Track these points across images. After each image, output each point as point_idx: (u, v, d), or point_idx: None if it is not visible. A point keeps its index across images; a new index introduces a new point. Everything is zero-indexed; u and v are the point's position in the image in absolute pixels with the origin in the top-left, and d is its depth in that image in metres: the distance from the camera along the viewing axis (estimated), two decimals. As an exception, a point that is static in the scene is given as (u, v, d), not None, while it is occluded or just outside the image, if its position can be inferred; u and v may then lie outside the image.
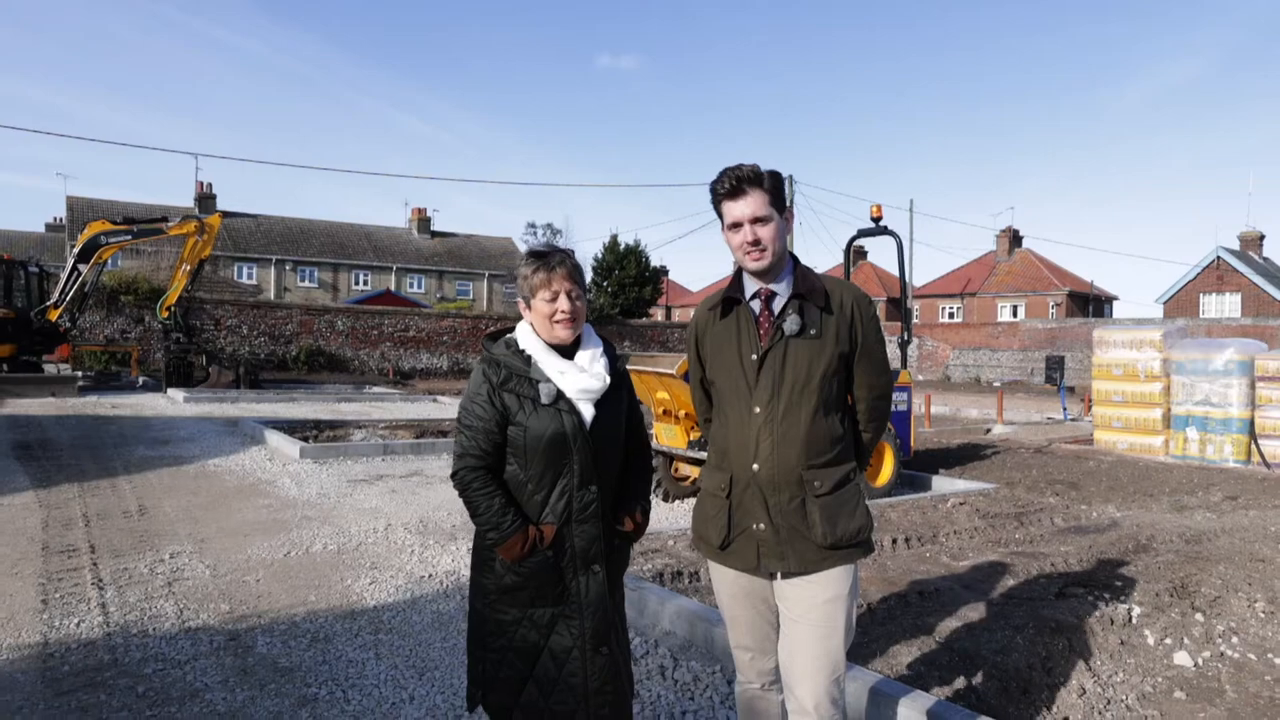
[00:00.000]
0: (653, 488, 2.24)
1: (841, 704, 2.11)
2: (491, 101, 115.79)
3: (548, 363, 2.13)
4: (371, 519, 6.17)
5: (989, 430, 15.90)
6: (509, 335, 2.23)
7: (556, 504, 2.10)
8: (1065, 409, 19.37)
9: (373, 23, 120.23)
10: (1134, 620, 4.15)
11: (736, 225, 2.10)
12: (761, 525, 2.10)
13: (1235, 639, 4.22)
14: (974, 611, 4.03)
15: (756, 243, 2.09)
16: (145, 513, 6.18)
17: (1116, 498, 7.38)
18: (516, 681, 2.10)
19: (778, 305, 2.15)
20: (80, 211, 42.92)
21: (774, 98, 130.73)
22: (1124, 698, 3.47)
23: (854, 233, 8.68)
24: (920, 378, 35.03)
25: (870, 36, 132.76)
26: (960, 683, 3.22)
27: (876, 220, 8.24)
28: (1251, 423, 10.62)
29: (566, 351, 2.18)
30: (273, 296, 39.94)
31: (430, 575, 4.78)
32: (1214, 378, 11.50)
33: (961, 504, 6.70)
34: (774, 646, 2.21)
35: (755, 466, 2.09)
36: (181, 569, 4.77)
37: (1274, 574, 5.21)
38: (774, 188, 2.11)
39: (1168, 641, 4.01)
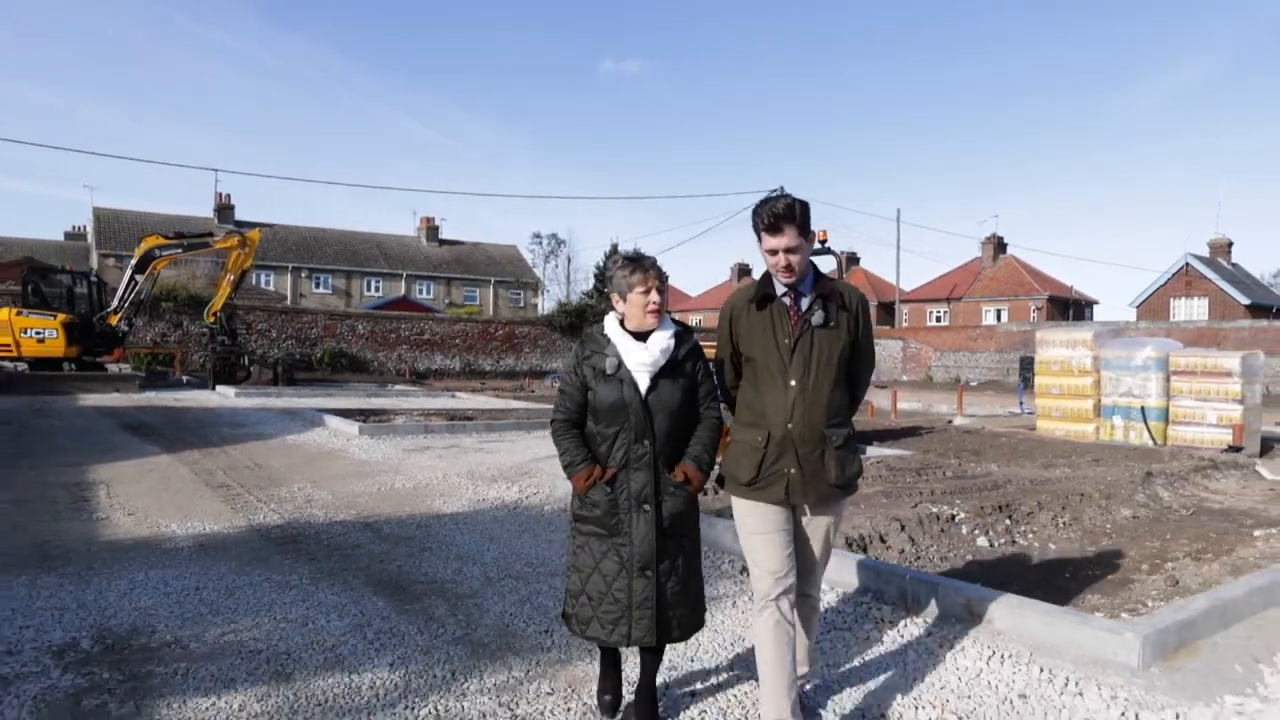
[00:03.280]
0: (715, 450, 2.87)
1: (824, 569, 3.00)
2: (495, 106, 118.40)
3: (621, 343, 2.71)
4: (430, 471, 8.24)
5: (950, 421, 17.83)
6: (599, 323, 2.85)
7: (617, 453, 2.68)
8: (1023, 403, 21.32)
9: (373, 28, 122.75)
10: (957, 520, 6.20)
11: (773, 252, 2.67)
12: (793, 470, 2.68)
13: (1031, 535, 6.26)
14: (846, 511, 6.08)
15: (789, 267, 2.66)
16: (261, 467, 8.26)
17: (1003, 460, 9.45)
18: (574, 594, 2.74)
19: (804, 303, 2.73)
20: (107, 222, 45.07)
21: (769, 103, 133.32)
22: (931, 557, 5.52)
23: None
24: (905, 378, 37.10)
25: (862, 44, 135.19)
26: (819, 539, 5.27)
27: (823, 243, 10.33)
28: (1143, 409, 12.59)
29: (643, 336, 2.72)
30: (289, 303, 42.09)
31: (484, 499, 6.85)
32: (1135, 372, 13.39)
33: (879, 462, 8.76)
34: (790, 564, 2.74)
35: (790, 425, 2.68)
36: (311, 495, 6.85)
37: (1086, 504, 7.23)
38: (804, 220, 2.66)
39: (976, 533, 6.05)
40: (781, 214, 2.61)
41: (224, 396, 17.54)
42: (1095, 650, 3.50)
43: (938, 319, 50.65)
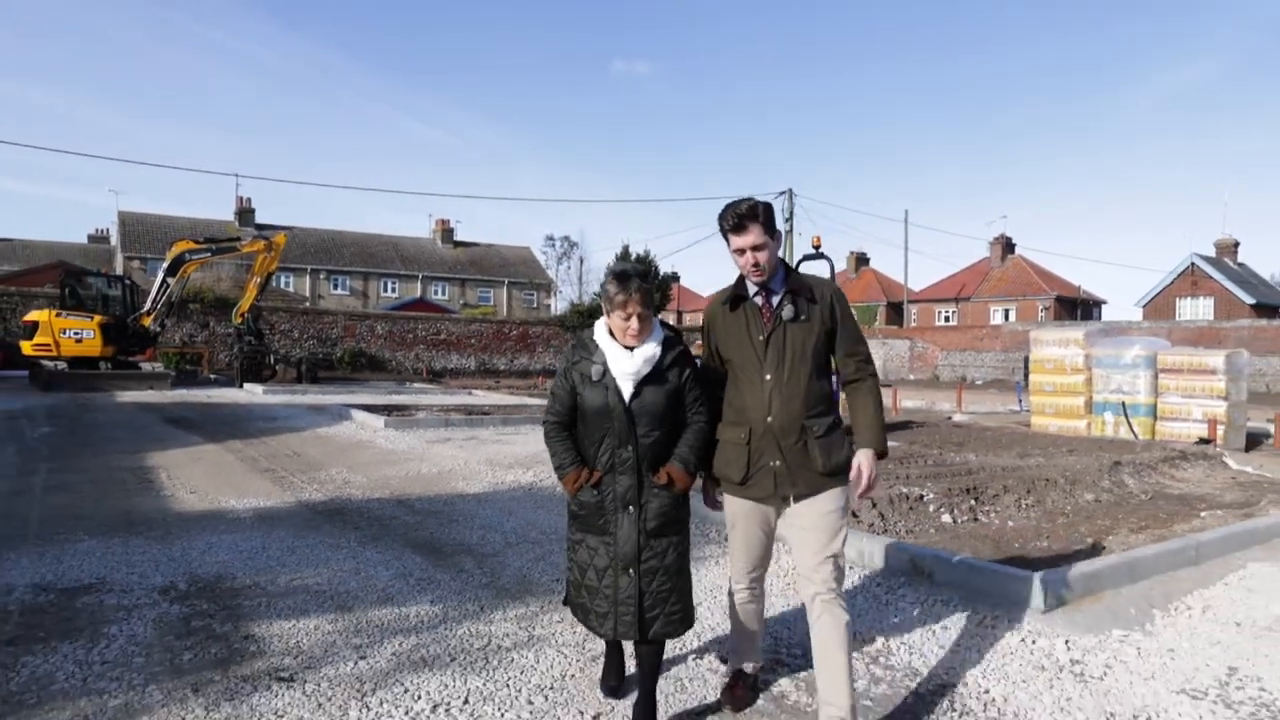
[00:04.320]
0: (703, 452, 2.90)
1: (842, 581, 2.80)
2: (507, 107, 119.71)
3: (609, 350, 2.76)
4: (452, 459, 9.02)
5: (949, 418, 18.45)
6: (589, 328, 2.87)
7: (601, 457, 2.77)
8: (1021, 401, 21.87)
9: (373, 28, 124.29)
10: (925, 499, 6.91)
11: (741, 251, 2.77)
12: (777, 462, 2.78)
13: (993, 514, 6.97)
14: (844, 505, 6.81)
15: (757, 264, 2.76)
16: (299, 455, 9.07)
17: (983, 450, 10.13)
18: (575, 585, 2.87)
19: (775, 300, 2.83)
20: (131, 225, 46.29)
21: (778, 105, 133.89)
22: (897, 530, 6.23)
23: (800, 258, 11.48)
24: (911, 377, 37.67)
25: (865, 44, 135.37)
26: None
27: (816, 248, 11.03)
28: (1123, 405, 13.21)
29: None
30: (309, 304, 43.13)
31: (502, 482, 7.63)
32: (1125, 370, 13.98)
33: (865, 452, 9.46)
34: (766, 562, 3.00)
35: (770, 419, 2.76)
36: (348, 478, 7.65)
37: (1050, 489, 7.91)
38: (767, 219, 2.77)
39: (942, 511, 6.76)
40: (745, 214, 2.74)
41: (252, 394, 18.42)
42: (1011, 595, 4.22)
43: (946, 319, 51.11)
